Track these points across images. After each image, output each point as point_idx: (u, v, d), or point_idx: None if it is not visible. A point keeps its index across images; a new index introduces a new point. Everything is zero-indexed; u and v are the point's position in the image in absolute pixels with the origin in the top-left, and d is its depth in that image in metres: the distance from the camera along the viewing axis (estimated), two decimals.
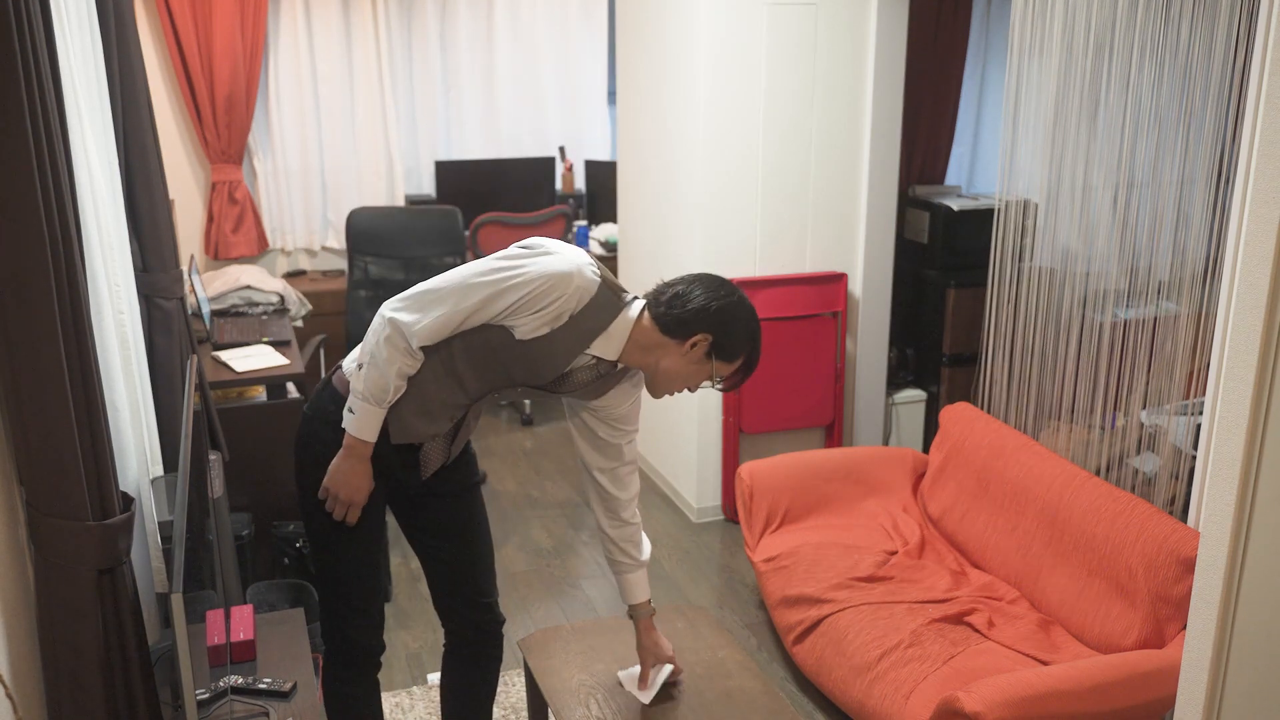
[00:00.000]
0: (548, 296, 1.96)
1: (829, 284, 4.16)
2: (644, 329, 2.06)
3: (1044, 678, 2.37)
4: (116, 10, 2.60)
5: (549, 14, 5.75)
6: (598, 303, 2.02)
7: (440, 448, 2.18)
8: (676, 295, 2.04)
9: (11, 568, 1.66)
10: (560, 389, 2.12)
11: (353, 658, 2.29)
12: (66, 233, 1.56)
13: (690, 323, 2.02)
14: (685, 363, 2.06)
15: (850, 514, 3.50)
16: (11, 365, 1.52)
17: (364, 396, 2.02)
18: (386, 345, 2.00)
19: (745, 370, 2.12)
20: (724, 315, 2.04)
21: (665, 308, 2.04)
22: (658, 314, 2.04)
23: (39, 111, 1.48)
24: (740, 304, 2.07)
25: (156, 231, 2.86)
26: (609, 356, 2.08)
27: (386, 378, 2.01)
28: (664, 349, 2.05)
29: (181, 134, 5.24)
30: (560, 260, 1.96)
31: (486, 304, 1.97)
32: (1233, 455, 1.67)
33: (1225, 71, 2.72)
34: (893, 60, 4.02)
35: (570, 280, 1.95)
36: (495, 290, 1.96)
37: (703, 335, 2.03)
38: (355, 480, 2.09)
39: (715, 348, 2.05)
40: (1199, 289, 2.89)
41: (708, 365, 2.07)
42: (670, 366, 2.07)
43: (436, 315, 1.98)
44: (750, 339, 2.09)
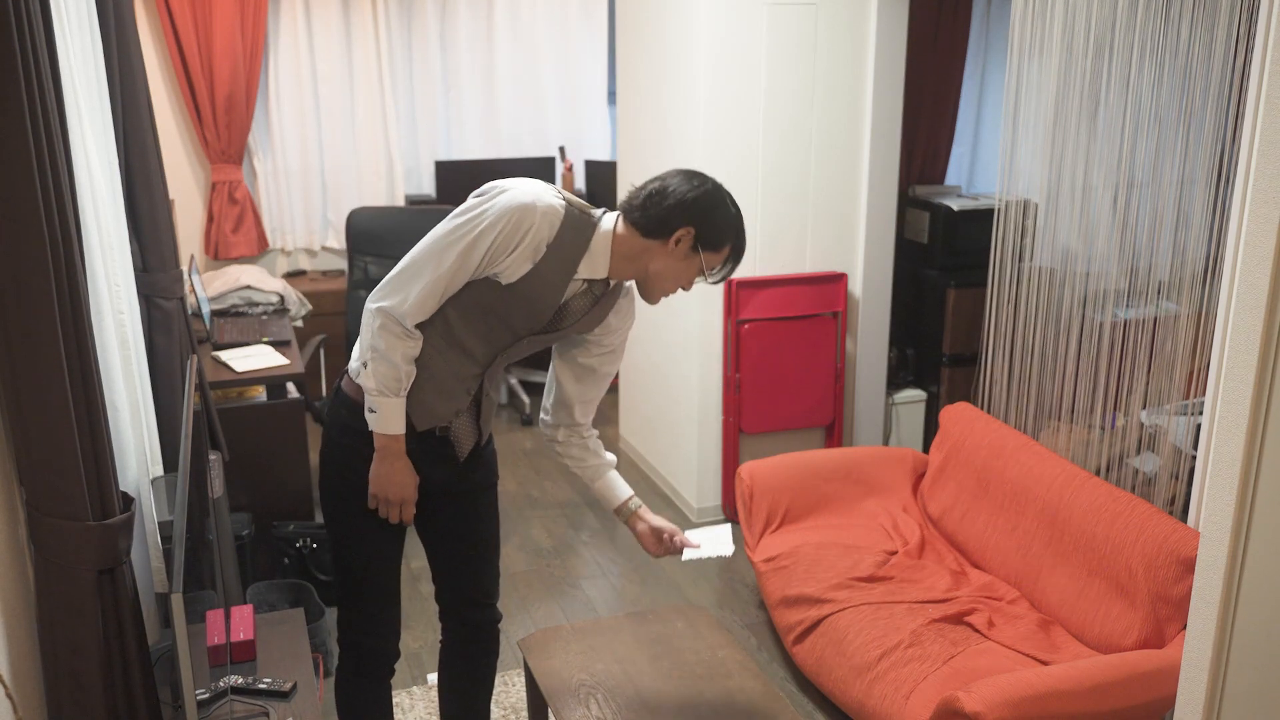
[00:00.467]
0: (518, 231, 1.94)
1: (829, 284, 4.16)
2: (625, 238, 2.04)
3: (1044, 678, 2.37)
4: (116, 10, 2.60)
5: (549, 14, 5.75)
6: (570, 224, 2.00)
7: (468, 425, 2.17)
8: (652, 194, 2.01)
9: (11, 568, 1.66)
10: (562, 325, 2.10)
11: (366, 664, 2.29)
12: (66, 233, 1.56)
13: (670, 218, 1.99)
14: (673, 261, 2.03)
15: (850, 514, 3.50)
16: (11, 365, 1.52)
17: (379, 391, 2.02)
18: (383, 334, 1.99)
19: (734, 257, 2.07)
20: (703, 204, 2.00)
21: (642, 210, 2.01)
22: (635, 219, 2.02)
23: (39, 111, 1.48)
24: (717, 190, 2.03)
25: (156, 231, 2.86)
26: (598, 275, 2.06)
27: (395, 365, 2.00)
28: (649, 252, 2.03)
29: (181, 134, 5.24)
30: (519, 193, 1.95)
31: (463, 259, 1.96)
32: (1233, 455, 1.67)
33: (1225, 71, 2.72)
34: (893, 60, 4.02)
35: (534, 209, 1.94)
36: (466, 243, 1.95)
37: (685, 229, 1.99)
38: (399, 478, 2.09)
39: (700, 239, 2.01)
40: (1199, 289, 2.89)
41: (696, 259, 2.03)
42: (659, 268, 2.04)
43: (419, 288, 1.97)
44: (733, 223, 2.04)
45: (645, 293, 2.12)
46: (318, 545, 3.48)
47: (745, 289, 4.04)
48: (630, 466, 4.81)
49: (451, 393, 2.11)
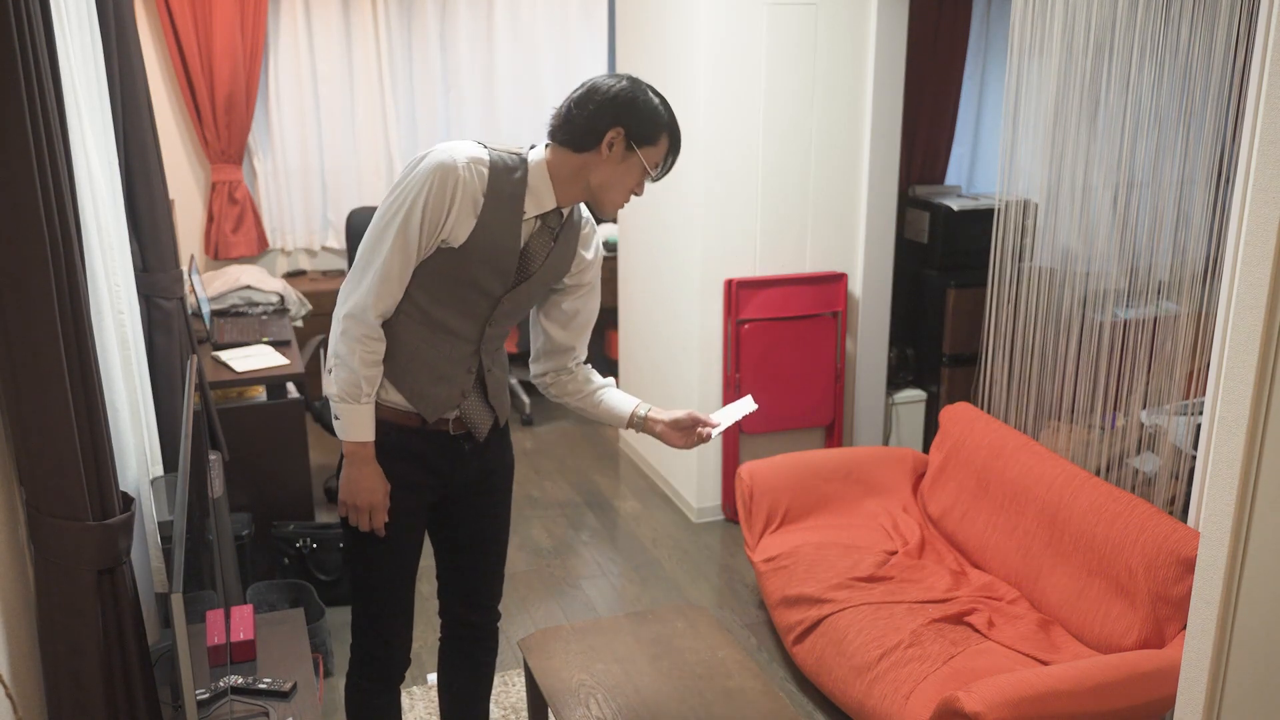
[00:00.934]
0: (445, 191, 1.92)
1: (829, 284, 4.16)
2: (559, 161, 2.00)
3: (1044, 678, 2.37)
4: (116, 10, 2.60)
5: (549, 14, 5.75)
6: (500, 168, 1.98)
7: (479, 406, 2.14)
8: (571, 107, 1.97)
9: (11, 568, 1.66)
10: (531, 271, 2.06)
11: (378, 671, 2.27)
12: (66, 233, 1.56)
13: (596, 124, 1.95)
14: (612, 167, 1.99)
15: (850, 514, 3.50)
16: (11, 365, 1.52)
17: (340, 398, 2.01)
18: (343, 340, 1.99)
19: (673, 149, 2.02)
20: (623, 99, 1.96)
21: (567, 125, 1.98)
22: (563, 137, 1.99)
23: (39, 111, 1.48)
24: (635, 83, 1.99)
25: (156, 231, 2.86)
26: (547, 207, 2.03)
27: (354, 371, 1.99)
28: (587, 166, 1.99)
29: (181, 134, 5.24)
30: (436, 155, 1.93)
31: (404, 236, 1.94)
32: (1233, 455, 1.67)
33: (1225, 71, 2.72)
34: (893, 60, 4.02)
35: (454, 164, 1.92)
36: (401, 218, 1.93)
37: (614, 130, 1.96)
38: (367, 483, 2.06)
39: (632, 136, 1.96)
40: (1199, 289, 2.89)
41: (634, 158, 1.98)
42: (601, 179, 2.00)
43: (370, 280, 1.96)
44: (662, 111, 1.99)
45: (598, 209, 2.08)
46: (318, 545, 3.48)
47: (745, 289, 4.04)
48: (630, 466, 4.81)
49: (451, 376, 2.08)
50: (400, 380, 2.07)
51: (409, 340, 2.05)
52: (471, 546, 2.31)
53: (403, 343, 2.05)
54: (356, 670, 2.28)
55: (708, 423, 2.24)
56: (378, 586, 2.20)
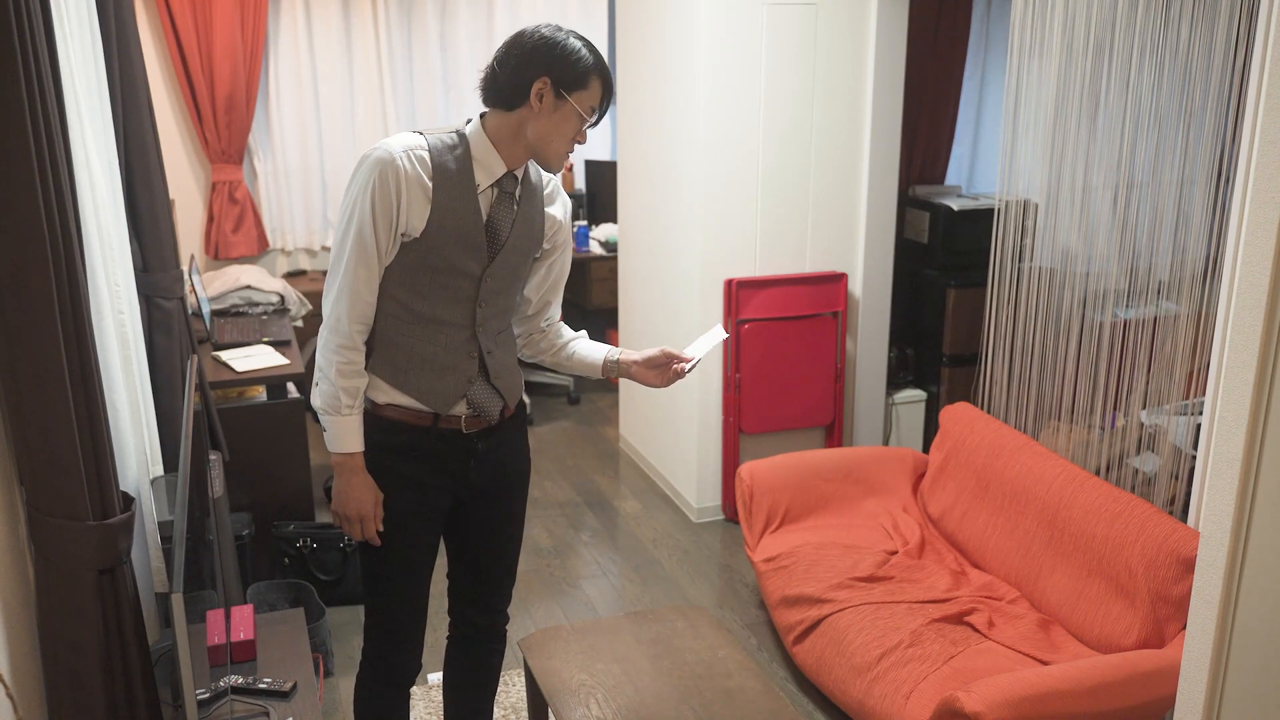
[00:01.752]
0: (388, 184, 1.92)
1: (829, 284, 4.16)
2: (495, 124, 2.00)
3: (1044, 678, 2.37)
4: (116, 10, 2.60)
5: (549, 14, 5.75)
6: (440, 147, 1.98)
7: (485, 390, 2.12)
8: (495, 66, 1.97)
9: (11, 568, 1.66)
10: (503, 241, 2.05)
11: (390, 674, 2.26)
12: (66, 232, 1.56)
13: (521, 77, 1.94)
14: (547, 117, 1.97)
15: (850, 514, 3.50)
16: (11, 365, 1.52)
17: (323, 410, 2.02)
18: (323, 353, 2.02)
19: (606, 90, 2.00)
20: (543, 48, 1.95)
21: (493, 86, 1.98)
22: (493, 99, 1.99)
23: (39, 111, 1.48)
24: (555, 29, 1.99)
25: (156, 231, 2.86)
26: (498, 172, 2.01)
27: (332, 383, 2.00)
28: (523, 122, 1.97)
29: (181, 134, 5.24)
30: (374, 153, 1.94)
31: (360, 242, 1.94)
32: (1233, 455, 1.67)
33: (1225, 71, 2.72)
34: (893, 60, 4.02)
35: (390, 157, 1.92)
36: (355, 226, 1.94)
37: (540, 80, 1.94)
38: (355, 494, 2.05)
39: (560, 84, 1.94)
40: (1199, 289, 2.89)
41: (566, 105, 1.95)
42: (539, 131, 1.98)
43: (338, 292, 1.98)
44: (586, 53, 1.98)
45: (544, 164, 2.05)
46: (318, 545, 3.48)
47: (745, 289, 4.04)
48: (630, 466, 4.81)
49: (453, 366, 2.07)
50: (404, 381, 2.06)
51: (402, 340, 2.04)
52: (486, 550, 2.30)
53: (397, 344, 2.04)
54: (368, 673, 2.26)
55: (680, 357, 2.22)
56: (392, 589, 2.18)
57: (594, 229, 5.93)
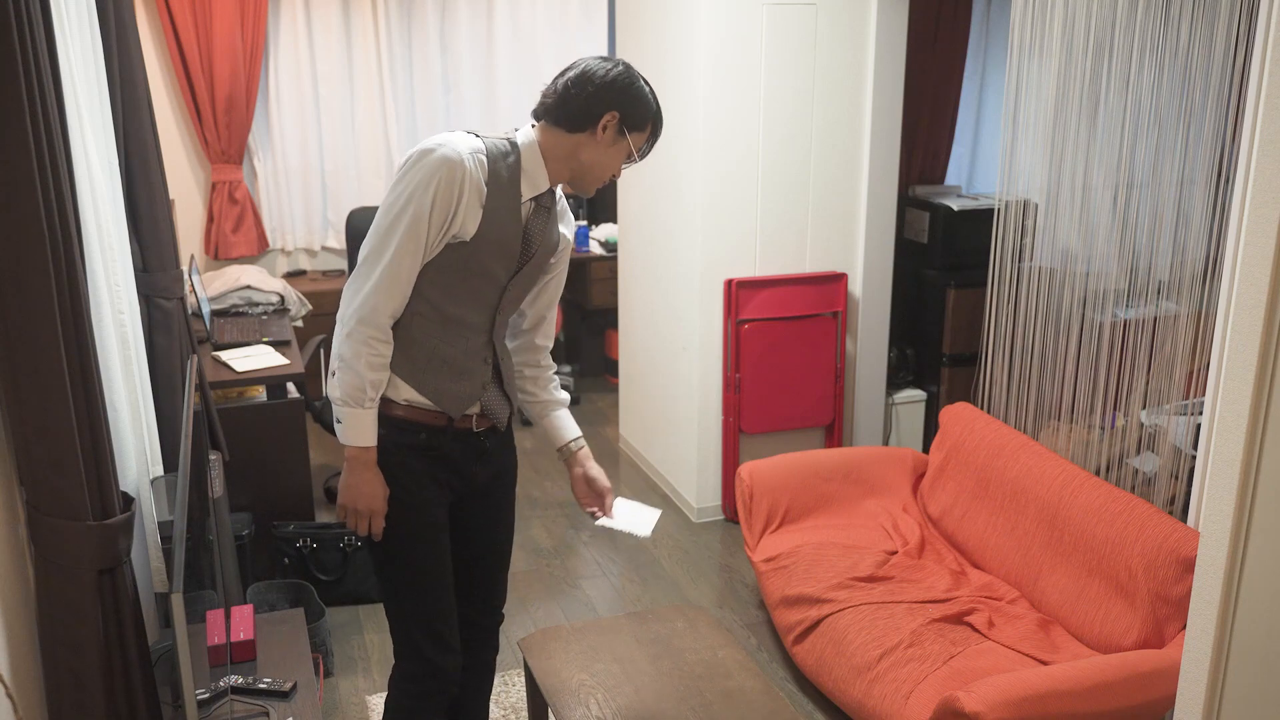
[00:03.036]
0: (454, 185, 1.93)
1: (829, 284, 4.16)
2: (551, 141, 2.03)
3: (1044, 678, 2.37)
4: (116, 10, 2.60)
5: (549, 14, 5.75)
6: (497, 156, 2.00)
7: (498, 396, 2.16)
8: (569, 86, 1.99)
9: (11, 568, 1.66)
10: (533, 252, 2.09)
11: (431, 684, 2.18)
12: (66, 232, 1.56)
13: (593, 106, 1.98)
14: (603, 148, 2.03)
15: (850, 514, 3.50)
16: (11, 365, 1.52)
17: (343, 401, 1.98)
18: (349, 341, 1.96)
19: (654, 135, 2.08)
20: (622, 84, 1.99)
21: (562, 105, 2.00)
22: (557, 116, 2.01)
23: (39, 111, 1.48)
24: (630, 70, 2.03)
25: (156, 231, 2.86)
26: (542, 188, 2.06)
27: (359, 375, 1.96)
28: (580, 146, 2.02)
29: (181, 134, 5.24)
30: (439, 149, 1.93)
31: (413, 234, 1.93)
32: (1233, 455, 1.67)
33: (1225, 71, 2.72)
34: (893, 60, 4.02)
35: (460, 158, 1.93)
36: (410, 216, 1.92)
37: (610, 113, 1.99)
38: (368, 489, 2.03)
39: (625, 121, 2.01)
40: (1199, 289, 2.89)
41: (624, 143, 2.03)
42: (590, 159, 2.03)
43: (378, 280, 1.94)
44: (652, 100, 2.04)
45: (581, 187, 2.10)
46: (318, 545, 3.48)
47: (745, 289, 4.04)
48: (630, 466, 4.81)
49: (471, 370, 2.09)
50: (422, 381, 2.06)
51: (425, 339, 2.04)
52: (488, 548, 2.30)
53: (419, 342, 2.05)
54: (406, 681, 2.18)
55: (605, 509, 2.30)
56: (428, 587, 2.13)
57: (594, 229, 5.93)
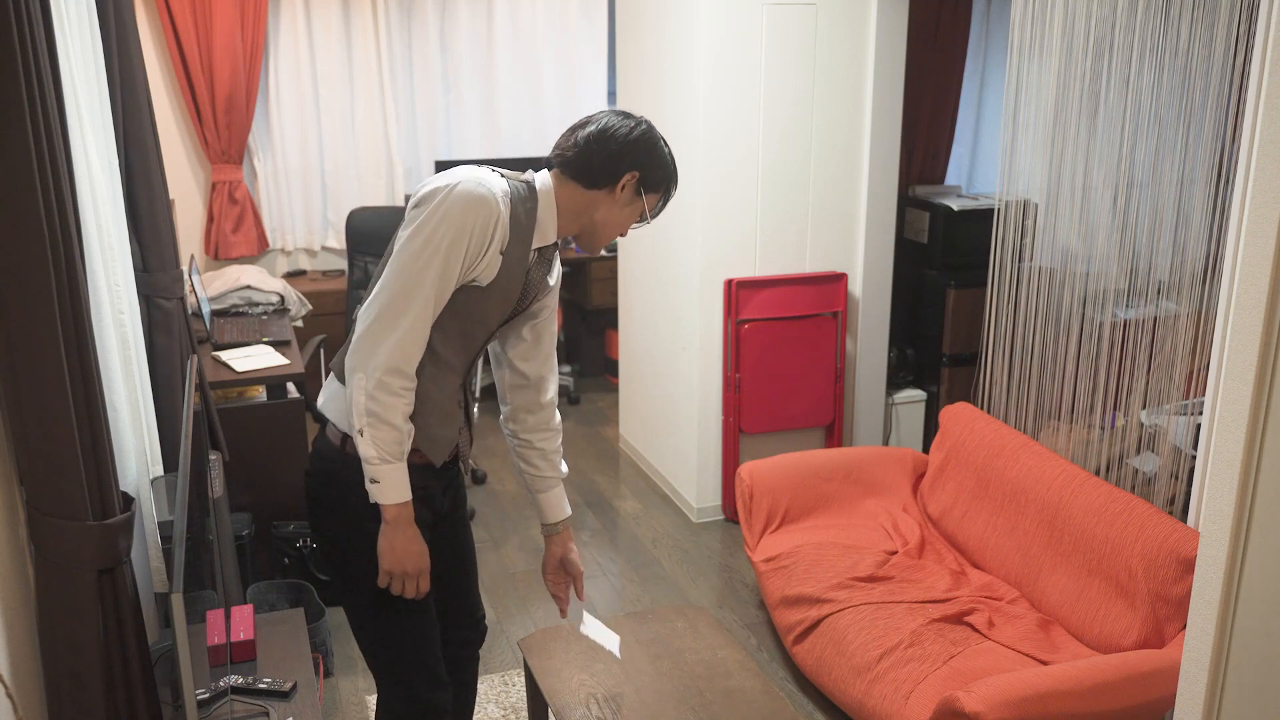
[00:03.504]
0: (489, 227, 1.83)
1: (829, 284, 4.16)
2: (567, 194, 1.95)
3: (1044, 678, 2.37)
4: (116, 10, 2.60)
5: (549, 14, 5.75)
6: (517, 199, 1.90)
7: (466, 432, 2.10)
8: (591, 142, 1.91)
9: (11, 568, 1.66)
10: (528, 303, 2.02)
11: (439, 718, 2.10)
12: (66, 233, 1.56)
13: (615, 165, 1.91)
14: (618, 207, 1.96)
15: (850, 514, 3.50)
16: (11, 365, 1.52)
17: (380, 459, 1.84)
18: (380, 394, 1.82)
19: (667, 197, 2.01)
20: (644, 144, 1.92)
21: (584, 160, 1.92)
22: (576, 171, 1.93)
23: (39, 111, 1.48)
24: (651, 128, 1.95)
25: (156, 231, 2.86)
26: (549, 241, 1.98)
27: (396, 429, 1.84)
28: (595, 203, 1.95)
29: (181, 134, 5.24)
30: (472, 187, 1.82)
31: (443, 278, 1.83)
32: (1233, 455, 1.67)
33: (1225, 71, 2.72)
34: (893, 60, 4.02)
35: (494, 200, 1.83)
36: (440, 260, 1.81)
37: (630, 173, 1.93)
38: (414, 548, 1.91)
39: (644, 182, 1.94)
40: (1199, 289, 2.89)
41: (639, 203, 1.97)
42: (604, 217, 1.97)
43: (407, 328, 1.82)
44: (671, 162, 1.98)
45: (588, 244, 2.03)
46: (318, 545, 3.48)
47: (745, 289, 4.04)
48: (630, 466, 4.81)
49: (452, 414, 2.02)
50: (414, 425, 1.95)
51: (422, 384, 1.93)
52: (460, 565, 2.24)
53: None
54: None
55: (579, 593, 2.26)
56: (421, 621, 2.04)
57: None
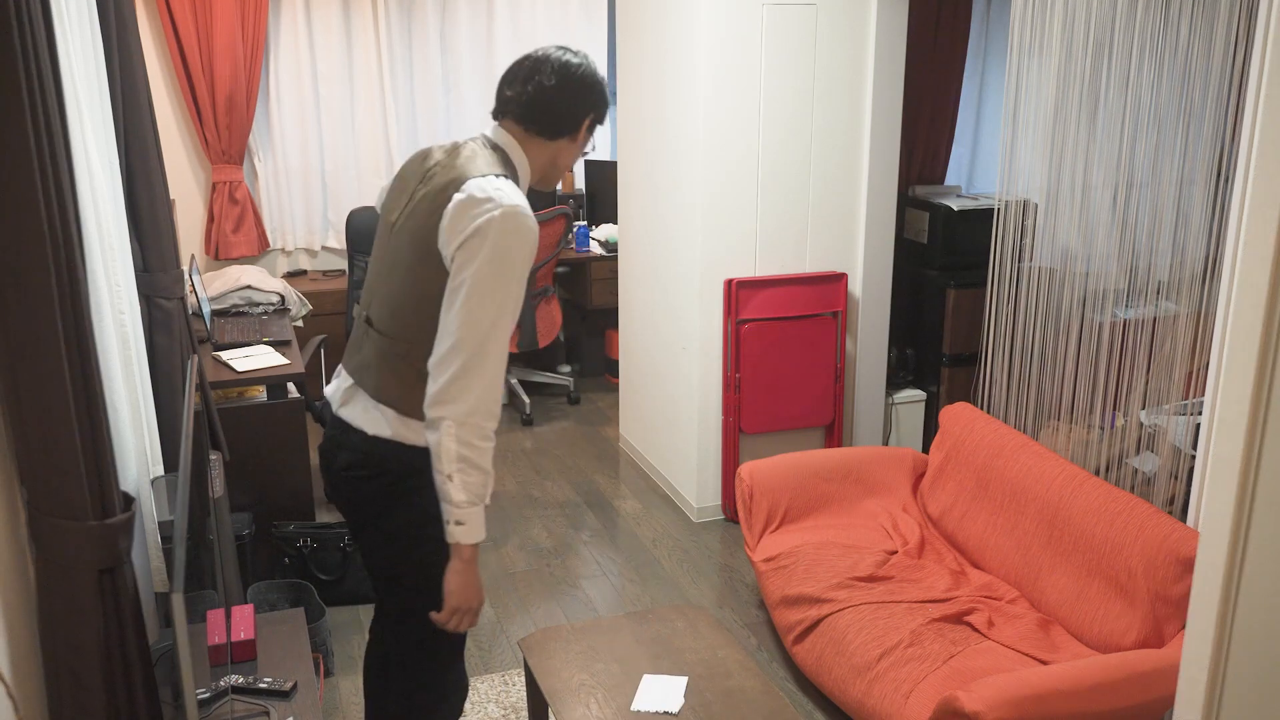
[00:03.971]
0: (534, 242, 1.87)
1: (829, 284, 4.16)
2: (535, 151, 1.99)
3: (1044, 677, 2.37)
4: (116, 10, 2.60)
5: (549, 14, 5.76)
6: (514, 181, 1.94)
7: None
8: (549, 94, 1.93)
9: (12, 568, 1.66)
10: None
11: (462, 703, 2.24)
12: (67, 232, 1.56)
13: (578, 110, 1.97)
14: (576, 148, 2.02)
15: (850, 514, 3.50)
16: (11, 365, 1.52)
17: (469, 503, 1.87)
18: (478, 440, 1.84)
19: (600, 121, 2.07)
20: (595, 84, 1.97)
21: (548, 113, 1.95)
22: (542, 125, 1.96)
23: (39, 111, 1.48)
24: (589, 60, 2.00)
25: (157, 231, 2.86)
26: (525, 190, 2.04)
27: (486, 472, 1.88)
28: (559, 151, 2.00)
29: (182, 134, 5.24)
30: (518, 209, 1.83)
31: (515, 311, 1.86)
32: (1232, 455, 1.67)
33: (1225, 71, 2.72)
34: (893, 60, 4.02)
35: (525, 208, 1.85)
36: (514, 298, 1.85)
37: (589, 116, 1.98)
38: (479, 583, 1.97)
39: (597, 118, 2.01)
40: (1199, 289, 2.89)
41: (589, 137, 2.04)
42: (564, 159, 2.02)
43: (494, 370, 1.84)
44: (606, 89, 2.03)
45: (548, 184, 2.07)
46: (318, 545, 3.48)
47: (745, 289, 4.04)
48: (630, 466, 4.81)
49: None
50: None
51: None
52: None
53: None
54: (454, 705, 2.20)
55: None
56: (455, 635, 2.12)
57: (594, 229, 5.93)
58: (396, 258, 1.96)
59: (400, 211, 1.98)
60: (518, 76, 1.97)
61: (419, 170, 1.99)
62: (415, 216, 1.92)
